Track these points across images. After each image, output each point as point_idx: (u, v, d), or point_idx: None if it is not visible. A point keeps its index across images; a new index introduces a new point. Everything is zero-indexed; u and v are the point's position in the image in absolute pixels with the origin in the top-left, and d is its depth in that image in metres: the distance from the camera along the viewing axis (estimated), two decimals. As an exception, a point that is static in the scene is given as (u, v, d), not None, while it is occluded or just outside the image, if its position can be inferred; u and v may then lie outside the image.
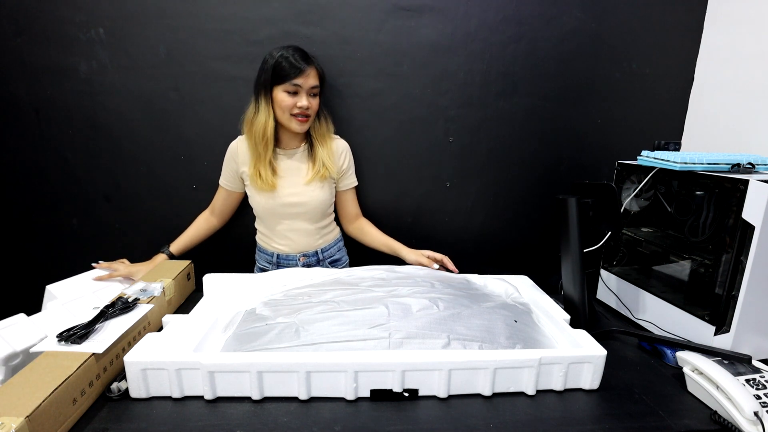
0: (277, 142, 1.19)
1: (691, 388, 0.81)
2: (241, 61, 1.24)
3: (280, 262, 1.25)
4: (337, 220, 1.34)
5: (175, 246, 1.22)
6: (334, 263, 1.29)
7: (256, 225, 1.27)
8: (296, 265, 1.24)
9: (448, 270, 1.13)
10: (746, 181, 0.85)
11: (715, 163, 0.95)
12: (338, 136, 1.25)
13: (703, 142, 1.37)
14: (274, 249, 1.24)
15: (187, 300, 1.20)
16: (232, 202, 1.27)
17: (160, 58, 1.23)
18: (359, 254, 1.39)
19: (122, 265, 1.14)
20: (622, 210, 1.15)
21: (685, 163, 0.95)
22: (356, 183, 1.29)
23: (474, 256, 1.47)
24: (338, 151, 1.23)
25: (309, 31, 1.24)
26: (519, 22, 1.29)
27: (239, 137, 1.21)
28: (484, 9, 1.27)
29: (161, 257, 1.20)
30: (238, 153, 1.19)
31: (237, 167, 1.20)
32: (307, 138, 1.21)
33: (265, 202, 1.18)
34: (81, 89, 1.23)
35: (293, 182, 1.18)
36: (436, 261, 1.13)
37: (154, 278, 1.10)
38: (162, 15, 1.20)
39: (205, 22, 1.21)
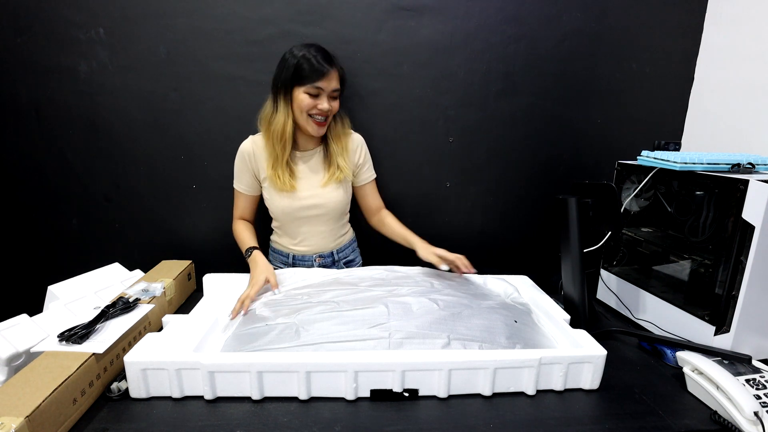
0: (293, 143, 1.17)
1: (691, 388, 0.81)
2: (241, 61, 1.24)
3: (296, 263, 1.24)
4: (355, 217, 1.34)
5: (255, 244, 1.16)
6: (348, 263, 1.29)
7: (273, 226, 1.26)
8: (312, 266, 1.23)
9: (460, 272, 1.09)
10: (746, 181, 0.85)
11: (715, 163, 0.95)
12: (352, 131, 1.23)
13: (703, 142, 1.37)
14: (290, 250, 1.23)
15: (188, 300, 1.20)
16: (255, 205, 1.23)
17: (160, 58, 1.23)
18: (372, 254, 1.39)
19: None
20: (622, 210, 1.15)
21: (685, 163, 0.95)
22: (374, 176, 1.27)
23: (474, 256, 1.45)
24: (353, 146, 1.21)
25: (309, 31, 1.24)
26: (519, 22, 1.29)
27: (250, 137, 1.18)
28: (484, 9, 1.27)
29: (258, 255, 1.10)
30: (254, 153, 1.16)
31: (256, 167, 1.17)
32: (323, 139, 1.20)
33: (285, 204, 1.16)
34: (81, 89, 1.23)
35: (310, 184, 1.17)
36: (447, 261, 1.08)
37: (155, 278, 1.10)
38: (162, 15, 1.20)
39: (205, 22, 1.21)
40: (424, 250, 1.11)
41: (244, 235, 1.18)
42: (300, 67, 1.06)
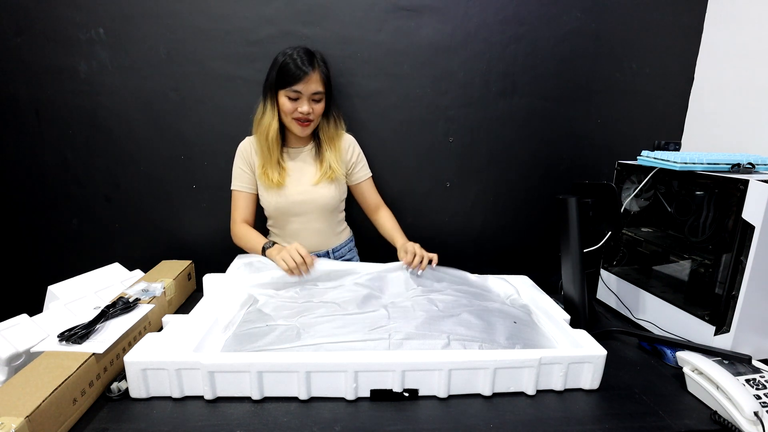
0: (285, 140, 1.19)
1: (691, 388, 0.81)
2: (241, 61, 1.24)
3: None
4: (352, 216, 1.34)
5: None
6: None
7: (268, 226, 1.27)
8: None
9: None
10: (746, 181, 0.85)
11: (715, 163, 0.95)
12: (344, 132, 1.24)
13: (703, 142, 1.37)
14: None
15: (188, 300, 1.20)
16: (255, 204, 1.23)
17: (160, 58, 1.23)
18: (370, 254, 1.39)
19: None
20: (622, 210, 1.15)
21: (685, 163, 0.95)
22: (370, 174, 1.28)
23: (474, 256, 1.47)
24: (345, 147, 1.22)
25: (309, 31, 1.24)
26: (519, 22, 1.29)
27: (247, 138, 1.20)
28: (484, 9, 1.27)
29: (276, 246, 1.12)
30: (252, 152, 1.18)
31: (253, 163, 1.18)
32: (315, 138, 1.21)
33: (275, 200, 1.17)
34: (81, 89, 1.23)
35: (301, 181, 1.18)
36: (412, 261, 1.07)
37: (155, 278, 1.10)
38: (162, 15, 1.20)
39: (205, 22, 1.21)
40: (401, 245, 1.15)
41: (253, 234, 1.17)
42: (282, 69, 1.07)
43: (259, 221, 1.27)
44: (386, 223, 1.26)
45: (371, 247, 1.40)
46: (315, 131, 1.20)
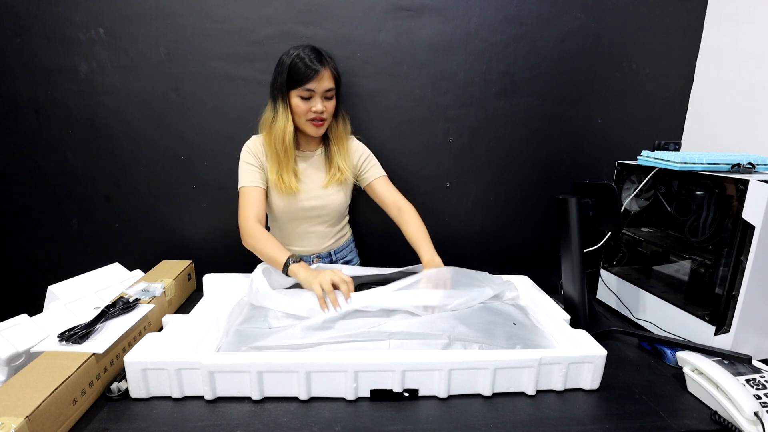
0: (296, 144, 1.16)
1: (691, 388, 0.81)
2: (241, 61, 1.24)
3: None
4: (353, 217, 1.35)
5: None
6: (346, 264, 1.29)
7: (270, 226, 1.26)
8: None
9: None
10: (746, 181, 0.85)
11: (715, 163, 0.95)
12: (350, 133, 1.22)
13: (703, 142, 1.37)
14: (288, 251, 1.23)
15: (188, 300, 1.20)
16: (266, 201, 1.16)
17: (160, 58, 1.23)
18: (370, 255, 1.40)
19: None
20: (622, 210, 1.15)
21: (685, 163, 0.95)
22: (383, 173, 1.22)
23: (474, 256, 1.47)
24: (353, 149, 1.21)
25: (309, 31, 1.24)
26: (519, 22, 1.29)
27: (254, 137, 1.17)
28: (484, 9, 1.27)
29: (303, 264, 1.02)
30: (261, 151, 1.14)
31: (263, 164, 1.14)
32: (324, 140, 1.19)
33: (286, 205, 1.16)
34: (81, 89, 1.23)
35: (312, 186, 1.17)
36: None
37: (155, 278, 1.10)
38: (162, 15, 1.20)
39: (205, 22, 1.21)
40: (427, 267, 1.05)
41: (273, 242, 1.06)
42: (292, 69, 1.05)
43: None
44: (409, 227, 1.14)
45: (371, 247, 1.40)
46: (324, 133, 1.18)
